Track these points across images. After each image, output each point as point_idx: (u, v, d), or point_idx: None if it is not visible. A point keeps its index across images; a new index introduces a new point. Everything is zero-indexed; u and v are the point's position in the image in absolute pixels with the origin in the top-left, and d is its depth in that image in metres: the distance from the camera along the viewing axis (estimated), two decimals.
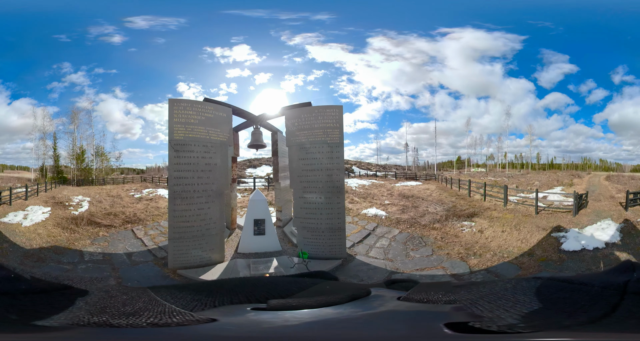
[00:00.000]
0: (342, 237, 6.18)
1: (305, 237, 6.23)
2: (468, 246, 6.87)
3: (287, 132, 6.32)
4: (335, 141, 6.06)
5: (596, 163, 38.11)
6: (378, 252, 6.79)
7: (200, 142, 5.38)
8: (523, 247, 6.83)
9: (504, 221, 8.96)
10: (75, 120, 28.27)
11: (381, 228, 8.59)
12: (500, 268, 5.79)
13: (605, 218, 8.71)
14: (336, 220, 6.14)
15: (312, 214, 6.20)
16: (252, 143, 7.38)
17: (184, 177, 5.31)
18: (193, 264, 5.39)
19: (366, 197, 14.22)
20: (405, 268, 6.02)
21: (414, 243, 7.29)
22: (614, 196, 13.17)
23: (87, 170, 28.63)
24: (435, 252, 6.68)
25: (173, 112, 5.18)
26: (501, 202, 11.69)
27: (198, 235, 5.38)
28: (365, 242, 7.47)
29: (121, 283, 5.05)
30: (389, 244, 7.31)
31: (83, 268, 5.77)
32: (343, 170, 6.15)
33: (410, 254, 6.67)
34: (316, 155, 6.07)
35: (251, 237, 6.39)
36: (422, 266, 6.04)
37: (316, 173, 6.12)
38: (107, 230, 8.47)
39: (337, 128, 6.09)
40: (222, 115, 5.72)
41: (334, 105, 6.20)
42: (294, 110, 6.40)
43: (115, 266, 5.84)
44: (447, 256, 6.38)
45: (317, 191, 6.14)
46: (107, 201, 14.13)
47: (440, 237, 7.72)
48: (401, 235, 7.95)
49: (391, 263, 6.20)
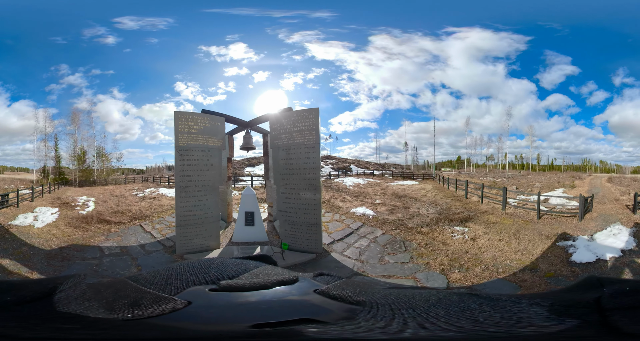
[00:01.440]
0: (317, 232, 6.56)
1: (287, 229, 6.90)
2: (455, 256, 6.24)
3: (270, 135, 7.35)
4: (312, 143, 6.52)
5: (596, 165, 37.91)
6: (353, 252, 6.80)
7: (200, 148, 6.52)
8: (524, 260, 6.00)
9: (502, 227, 8.20)
10: (76, 121, 28.87)
11: (365, 227, 8.54)
12: (491, 286, 4.93)
13: (615, 223, 8.16)
14: (312, 216, 6.56)
15: (292, 209, 6.79)
16: (243, 146, 8.46)
17: (187, 175, 6.49)
18: (195, 250, 6.53)
19: (358, 196, 14.23)
20: (372, 272, 5.74)
21: (393, 247, 6.99)
22: (618, 198, 12.67)
23: (89, 170, 29.34)
24: (413, 259, 6.21)
25: (178, 123, 6.30)
26: (499, 204, 10.94)
27: (198, 222, 6.56)
28: (345, 240, 7.54)
29: (140, 270, 5.82)
30: (368, 245, 7.21)
31: (107, 261, 6.32)
32: (319, 169, 6.61)
33: (385, 258, 6.38)
34: (294, 156, 6.72)
35: (243, 228, 7.33)
36: (391, 273, 5.66)
37: (295, 172, 6.75)
38: (117, 226, 9.06)
39: (313, 130, 6.50)
40: (217, 124, 6.80)
41: (311, 108, 6.61)
42: (276, 115, 7.23)
43: (133, 256, 6.64)
44: (426, 267, 5.82)
45: (295, 188, 6.73)
46: (112, 200, 14.70)
47: (426, 243, 7.19)
48: (383, 237, 7.75)
49: (360, 265, 6.09)
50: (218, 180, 6.91)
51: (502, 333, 0.70)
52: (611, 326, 0.66)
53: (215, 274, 0.95)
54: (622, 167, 36.03)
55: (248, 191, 7.72)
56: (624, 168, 35.57)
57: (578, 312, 0.71)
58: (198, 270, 0.98)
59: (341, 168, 40.48)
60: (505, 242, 7.01)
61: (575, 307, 0.73)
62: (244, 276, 0.96)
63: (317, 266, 5.96)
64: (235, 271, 0.99)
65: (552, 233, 7.51)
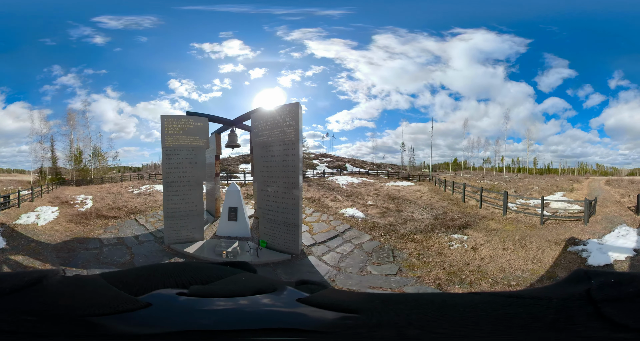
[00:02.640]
0: (296, 233, 6.38)
1: (266, 227, 6.95)
2: (454, 269, 5.60)
3: (252, 132, 7.77)
4: (291, 139, 6.29)
5: (593, 168, 37.92)
6: (332, 257, 6.38)
7: (184, 148, 7.20)
8: (537, 269, 5.60)
9: (505, 234, 7.71)
10: (71, 121, 29.21)
11: (352, 231, 8.06)
12: None
13: (621, 225, 8.04)
14: (291, 216, 6.38)
15: (271, 207, 6.78)
16: (228, 144, 9.09)
17: (173, 172, 7.19)
18: (182, 240, 7.23)
19: (350, 196, 13.83)
20: (345, 284, 5.12)
21: (379, 256, 6.39)
22: (619, 201, 12.65)
23: (86, 170, 29.76)
24: (402, 272, 5.58)
25: (164, 126, 6.96)
26: (499, 209, 10.51)
27: (184, 215, 7.26)
28: (328, 243, 7.21)
29: (134, 258, 6.60)
30: (351, 251, 6.71)
31: (107, 250, 6.94)
32: (298, 167, 6.31)
33: (367, 269, 5.79)
34: (274, 153, 6.68)
35: (226, 223, 7.74)
36: (372, 284, 5.05)
37: (273, 170, 6.72)
38: (114, 220, 9.67)
39: (292, 125, 6.25)
40: (200, 124, 7.43)
41: (292, 103, 6.33)
42: (258, 112, 7.32)
43: (128, 246, 7.27)
44: (418, 280, 5.19)
45: (274, 186, 6.70)
46: (109, 198, 15.13)
47: (418, 253, 6.51)
48: (370, 243, 7.23)
49: (335, 273, 5.63)
50: (202, 176, 7.57)
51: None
52: (605, 318, 0.67)
53: (187, 278, 0.94)
54: (619, 170, 36.25)
55: (233, 187, 8.19)
56: (620, 171, 35.87)
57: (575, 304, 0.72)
58: (171, 273, 0.98)
59: (336, 166, 40.77)
60: (511, 251, 6.49)
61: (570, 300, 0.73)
62: (219, 282, 0.94)
63: (290, 268, 5.90)
64: (210, 276, 0.97)
65: (559, 238, 7.24)
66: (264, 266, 6.06)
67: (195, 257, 6.59)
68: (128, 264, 6.33)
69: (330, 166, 42.23)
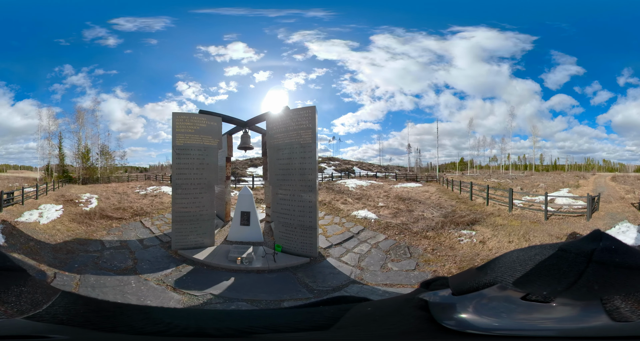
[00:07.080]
0: (313, 236, 6.31)
1: (281, 231, 6.76)
2: (465, 261, 5.97)
3: (267, 135, 7.42)
4: (308, 141, 6.33)
5: (599, 164, 37.97)
6: (352, 258, 6.43)
7: (196, 147, 6.76)
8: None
9: (510, 229, 8.05)
10: (80, 119, 29.34)
11: (367, 232, 8.16)
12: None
13: (622, 221, 8.24)
14: (307, 219, 6.33)
15: (286, 210, 6.63)
16: (241, 145, 8.68)
17: (184, 173, 6.73)
18: (190, 246, 6.75)
19: (360, 198, 13.94)
20: (372, 280, 5.38)
21: (397, 253, 6.57)
22: (623, 197, 12.75)
23: (92, 168, 29.77)
24: (420, 267, 5.91)
25: (176, 123, 6.53)
26: (505, 206, 10.79)
27: (193, 219, 6.78)
28: (344, 244, 7.25)
29: (137, 263, 6.15)
30: (369, 251, 6.81)
31: (108, 254, 6.52)
32: (315, 169, 6.36)
33: (388, 265, 6.02)
34: (290, 155, 6.58)
35: (238, 227, 7.45)
36: (394, 281, 5.32)
37: (290, 172, 6.61)
38: (118, 222, 9.33)
39: (309, 128, 6.31)
40: (213, 124, 7.02)
41: (308, 106, 6.45)
42: (273, 114, 7.15)
43: (131, 250, 6.81)
44: (434, 274, 5.57)
45: (290, 189, 6.56)
46: (115, 198, 15.04)
47: (432, 248, 6.83)
48: (386, 242, 7.38)
49: (359, 272, 5.72)
50: (214, 178, 7.12)
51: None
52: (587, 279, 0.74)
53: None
54: (625, 166, 36.54)
55: (245, 191, 7.89)
56: (627, 167, 36.16)
57: (580, 260, 0.78)
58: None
59: (344, 169, 40.52)
60: (516, 244, 6.84)
61: (580, 255, 0.79)
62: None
63: (311, 270, 5.79)
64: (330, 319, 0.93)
65: (561, 233, 7.49)
66: (282, 271, 5.76)
67: (206, 264, 6.11)
68: (129, 270, 5.87)
69: (338, 169, 41.87)
